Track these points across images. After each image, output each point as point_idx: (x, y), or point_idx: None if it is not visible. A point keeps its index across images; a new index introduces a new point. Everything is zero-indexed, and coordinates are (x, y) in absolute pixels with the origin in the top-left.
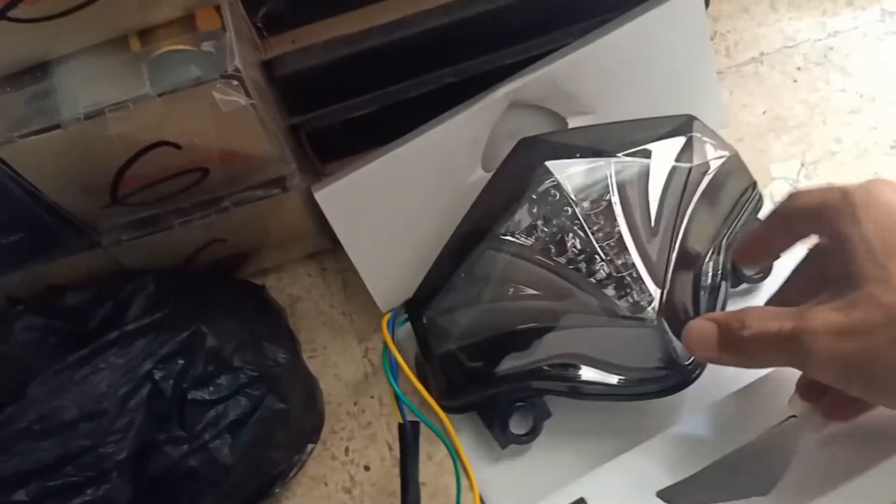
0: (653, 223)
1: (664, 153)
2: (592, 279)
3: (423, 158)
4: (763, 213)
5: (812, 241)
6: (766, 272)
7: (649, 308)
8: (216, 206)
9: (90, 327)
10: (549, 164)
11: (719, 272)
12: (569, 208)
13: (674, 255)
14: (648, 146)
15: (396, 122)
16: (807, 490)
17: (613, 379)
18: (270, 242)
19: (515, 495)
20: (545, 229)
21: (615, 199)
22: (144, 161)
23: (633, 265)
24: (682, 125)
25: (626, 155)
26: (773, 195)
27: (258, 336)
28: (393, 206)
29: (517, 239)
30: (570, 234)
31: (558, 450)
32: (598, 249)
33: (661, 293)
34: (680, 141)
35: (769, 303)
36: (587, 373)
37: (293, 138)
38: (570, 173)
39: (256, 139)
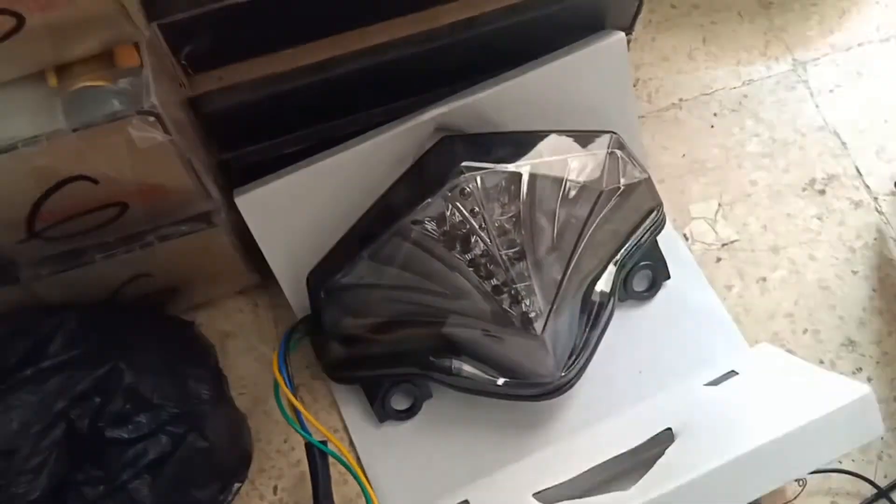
0: (555, 237)
1: (581, 168)
2: (490, 283)
3: (346, 172)
4: (663, 237)
5: None
6: (655, 290)
7: (536, 323)
8: (140, 241)
9: (9, 364)
10: (467, 164)
11: (610, 288)
12: (478, 210)
13: (569, 272)
14: (568, 157)
15: None
16: (661, 483)
17: (492, 378)
18: (200, 278)
19: (395, 469)
20: (453, 226)
21: (524, 209)
22: (61, 195)
23: (529, 276)
24: (605, 142)
25: (545, 164)
26: (692, 234)
27: (182, 373)
28: (315, 215)
29: (425, 231)
30: (476, 236)
31: (439, 431)
32: (499, 256)
33: (550, 310)
34: (599, 157)
35: None
36: (469, 368)
37: (223, 173)
38: (486, 176)
39: (176, 175)
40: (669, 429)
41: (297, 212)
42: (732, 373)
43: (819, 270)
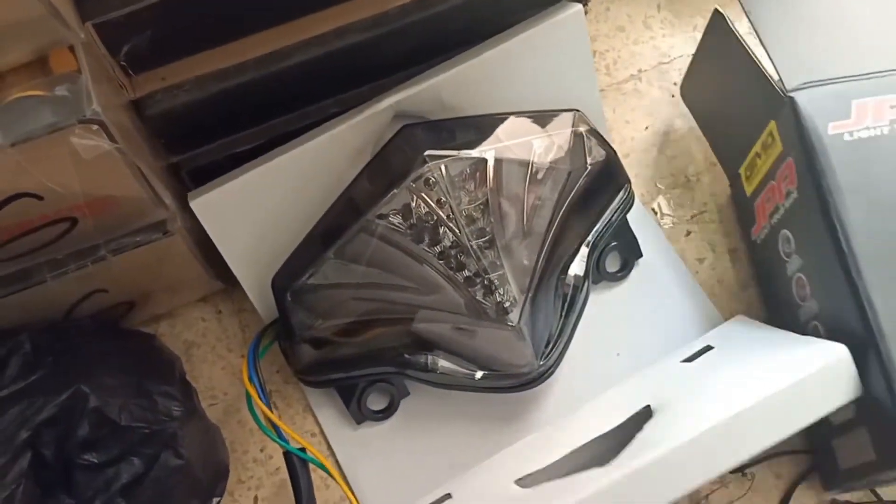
0: (526, 224)
1: (546, 149)
2: (461, 275)
3: (304, 168)
4: (632, 214)
5: None
6: (627, 270)
7: (511, 313)
8: (92, 256)
9: None
10: (430, 153)
11: (583, 271)
12: (445, 200)
13: (541, 259)
14: (533, 139)
15: None
16: (637, 456)
17: (470, 372)
18: (158, 288)
19: (376, 470)
20: (420, 218)
21: (492, 195)
22: (4, 214)
23: (502, 265)
24: (568, 120)
25: (510, 148)
26: (661, 208)
27: (148, 390)
28: (275, 215)
29: (391, 224)
30: (444, 227)
31: (419, 429)
32: (470, 247)
33: (525, 298)
34: (564, 136)
35: None
36: (445, 364)
37: (174, 177)
38: (450, 164)
39: (126, 184)
40: (648, 406)
41: (256, 212)
42: (708, 347)
43: None
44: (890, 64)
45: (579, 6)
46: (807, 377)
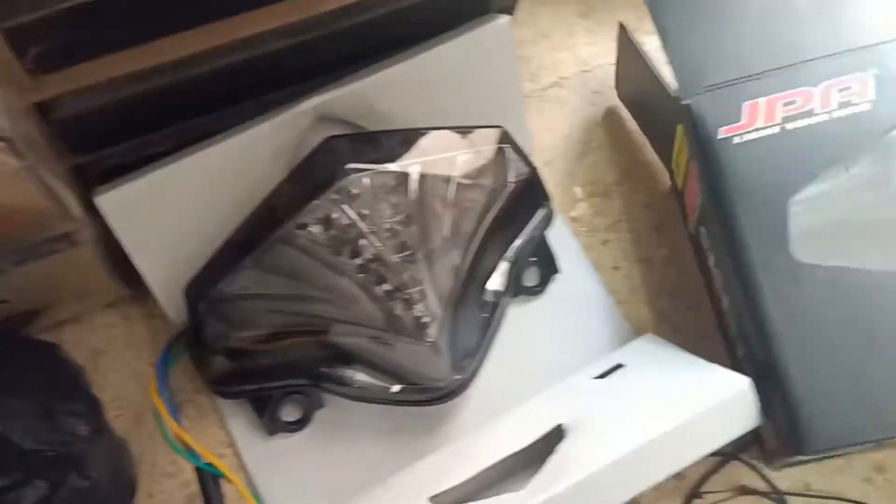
0: (447, 238)
1: (469, 165)
2: (381, 288)
3: (220, 167)
4: (553, 229)
5: None
6: (545, 285)
7: (430, 328)
8: None
9: None
10: (352, 166)
11: (503, 286)
12: (367, 213)
13: (462, 274)
14: (456, 154)
15: None
16: (552, 482)
17: (386, 385)
18: (63, 297)
19: (288, 482)
20: (341, 230)
21: (415, 210)
22: None
23: (422, 280)
24: (492, 136)
25: (434, 163)
26: (580, 216)
27: (51, 409)
28: (189, 217)
29: (311, 236)
30: (364, 240)
31: (333, 441)
32: (389, 260)
33: (444, 314)
34: (487, 153)
35: None
36: (362, 377)
37: (82, 181)
38: (374, 177)
39: (31, 199)
40: (560, 425)
41: (168, 213)
42: (619, 366)
43: None
44: (779, 61)
45: (506, 18)
46: (712, 408)
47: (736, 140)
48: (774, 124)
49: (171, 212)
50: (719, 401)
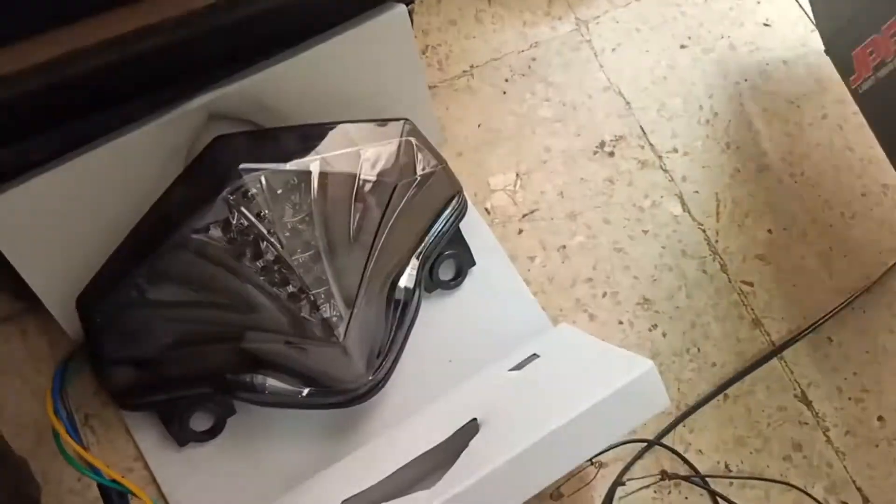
0: (351, 237)
1: (374, 160)
2: (285, 291)
3: (108, 170)
4: (466, 221)
5: None
6: (461, 279)
7: (337, 329)
8: None
9: None
10: (247, 166)
11: (413, 282)
12: (266, 213)
13: (368, 272)
14: (360, 149)
15: None
16: (460, 478)
17: (298, 389)
18: None
19: (202, 492)
20: (240, 232)
21: (317, 208)
22: None
23: (327, 280)
24: (397, 130)
25: (335, 159)
26: (493, 207)
27: None
28: (79, 224)
29: (210, 239)
30: (265, 242)
31: (247, 447)
32: (292, 262)
33: (350, 314)
34: (392, 146)
35: None
36: (272, 383)
37: None
38: (271, 176)
39: None
40: (475, 419)
41: (54, 221)
42: (534, 356)
43: (613, 233)
44: None
45: (403, 7)
46: (618, 391)
47: None
48: None
49: (57, 219)
50: (624, 383)
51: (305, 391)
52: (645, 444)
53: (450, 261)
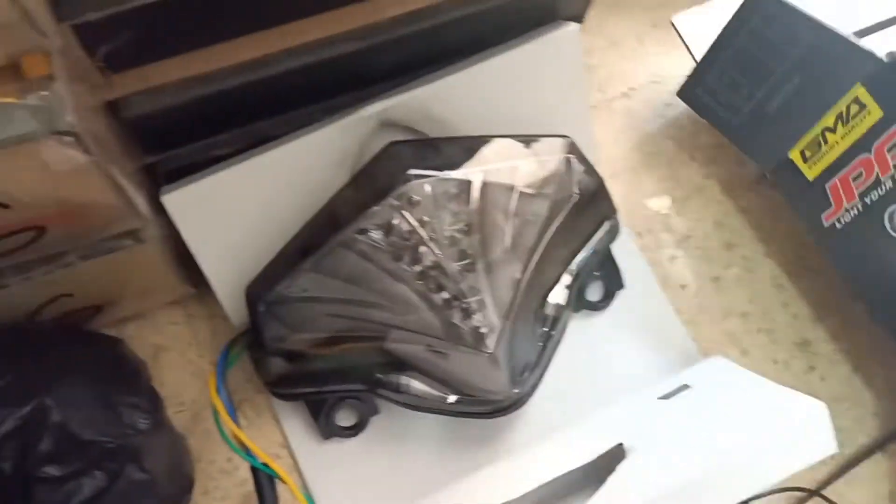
0: (508, 248)
1: (533, 174)
2: (439, 297)
3: (283, 170)
4: (617, 243)
5: None
6: (609, 301)
7: (488, 339)
8: (60, 262)
9: None
10: (413, 172)
11: (565, 300)
12: (428, 220)
13: (522, 286)
14: (520, 163)
15: None
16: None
17: (443, 395)
18: (127, 293)
19: (340, 487)
20: (401, 236)
21: (475, 218)
22: None
23: (481, 290)
24: (557, 146)
25: (497, 171)
26: (646, 231)
27: (113, 401)
28: (252, 219)
29: (371, 241)
30: (425, 247)
31: (387, 448)
32: (449, 268)
33: (503, 325)
34: (552, 163)
35: None
36: (418, 386)
37: (150, 179)
38: (435, 184)
39: (99, 194)
40: (621, 444)
41: (232, 214)
42: (685, 386)
43: (772, 267)
44: None
45: (575, 26)
46: (784, 432)
47: None
48: None
49: (235, 213)
50: (792, 424)
51: (451, 398)
52: (806, 493)
53: (599, 282)
